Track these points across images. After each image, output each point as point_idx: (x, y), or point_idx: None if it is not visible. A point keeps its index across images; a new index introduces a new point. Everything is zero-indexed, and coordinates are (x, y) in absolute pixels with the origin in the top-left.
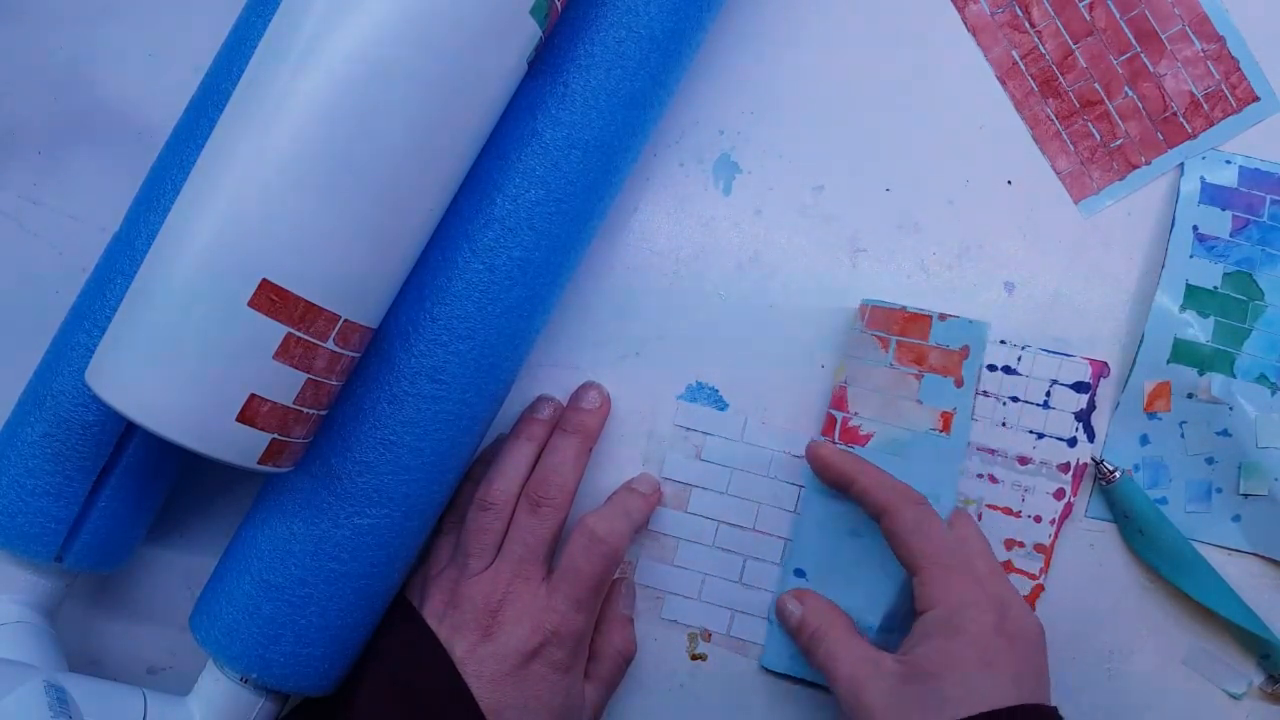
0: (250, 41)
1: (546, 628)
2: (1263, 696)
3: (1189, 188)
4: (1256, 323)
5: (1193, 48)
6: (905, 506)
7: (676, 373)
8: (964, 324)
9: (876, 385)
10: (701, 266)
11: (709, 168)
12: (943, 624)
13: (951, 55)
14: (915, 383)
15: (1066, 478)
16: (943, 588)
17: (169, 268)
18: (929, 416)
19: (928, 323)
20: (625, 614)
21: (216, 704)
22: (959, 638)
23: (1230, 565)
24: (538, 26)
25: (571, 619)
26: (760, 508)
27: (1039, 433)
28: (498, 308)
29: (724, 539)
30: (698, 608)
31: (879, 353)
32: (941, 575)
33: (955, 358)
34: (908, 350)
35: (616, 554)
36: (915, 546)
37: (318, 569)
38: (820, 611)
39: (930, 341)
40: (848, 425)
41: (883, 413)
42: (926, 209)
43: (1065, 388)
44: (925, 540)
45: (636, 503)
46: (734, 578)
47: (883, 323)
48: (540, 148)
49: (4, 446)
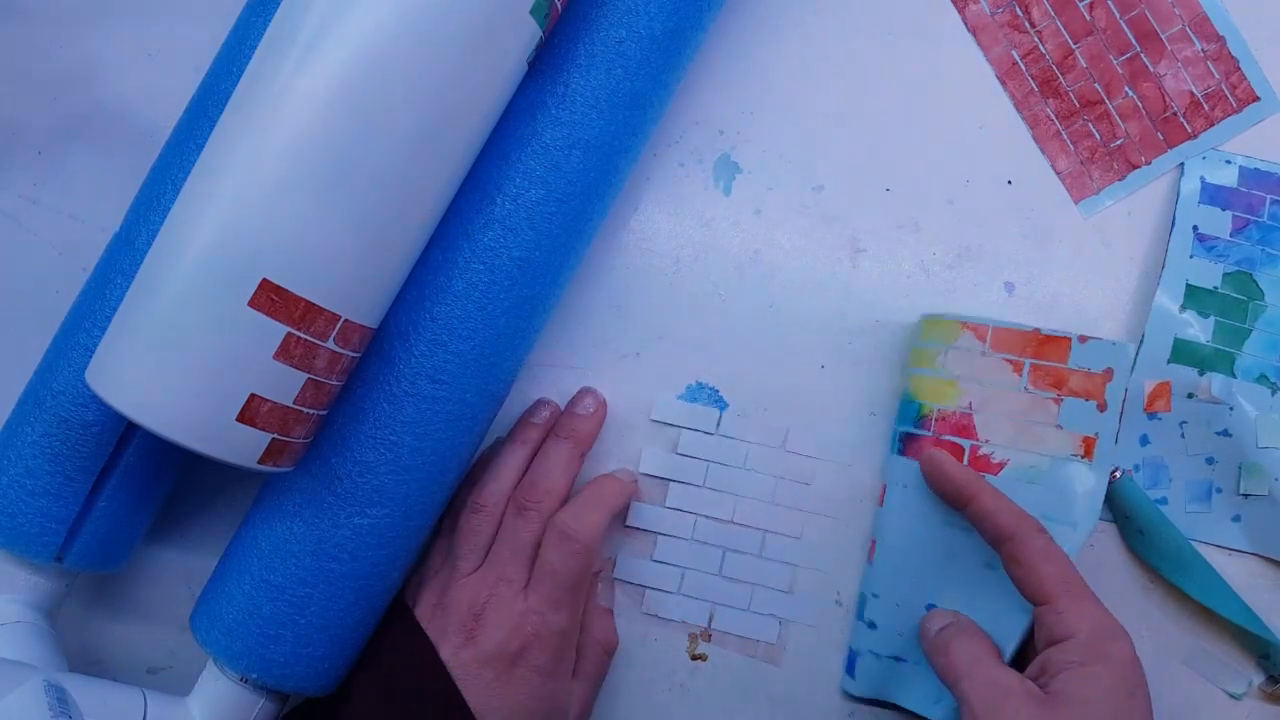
0: (250, 41)
1: (527, 630)
2: (1263, 697)
3: (1189, 188)
4: (1256, 323)
5: (1193, 47)
6: (1033, 534)
7: (676, 373)
8: (1107, 346)
9: (1009, 411)
10: (701, 266)
11: (709, 168)
12: (1086, 651)
13: (952, 55)
14: (1054, 407)
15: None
16: (1079, 615)
17: (169, 267)
18: (1070, 442)
19: (1067, 345)
20: (603, 606)
21: (217, 704)
22: (1102, 665)
23: (1230, 565)
24: (538, 27)
25: (551, 620)
26: (738, 501)
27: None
28: (498, 308)
29: (702, 532)
30: (679, 602)
31: (1011, 376)
32: (1076, 603)
33: (1098, 381)
34: (1045, 374)
35: (590, 549)
36: (1047, 573)
37: (318, 569)
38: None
39: (1070, 365)
40: (978, 454)
41: (1017, 440)
42: (926, 209)
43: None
44: (1057, 567)
45: (608, 493)
46: (714, 570)
47: (1013, 346)
48: (540, 148)
49: (4, 446)
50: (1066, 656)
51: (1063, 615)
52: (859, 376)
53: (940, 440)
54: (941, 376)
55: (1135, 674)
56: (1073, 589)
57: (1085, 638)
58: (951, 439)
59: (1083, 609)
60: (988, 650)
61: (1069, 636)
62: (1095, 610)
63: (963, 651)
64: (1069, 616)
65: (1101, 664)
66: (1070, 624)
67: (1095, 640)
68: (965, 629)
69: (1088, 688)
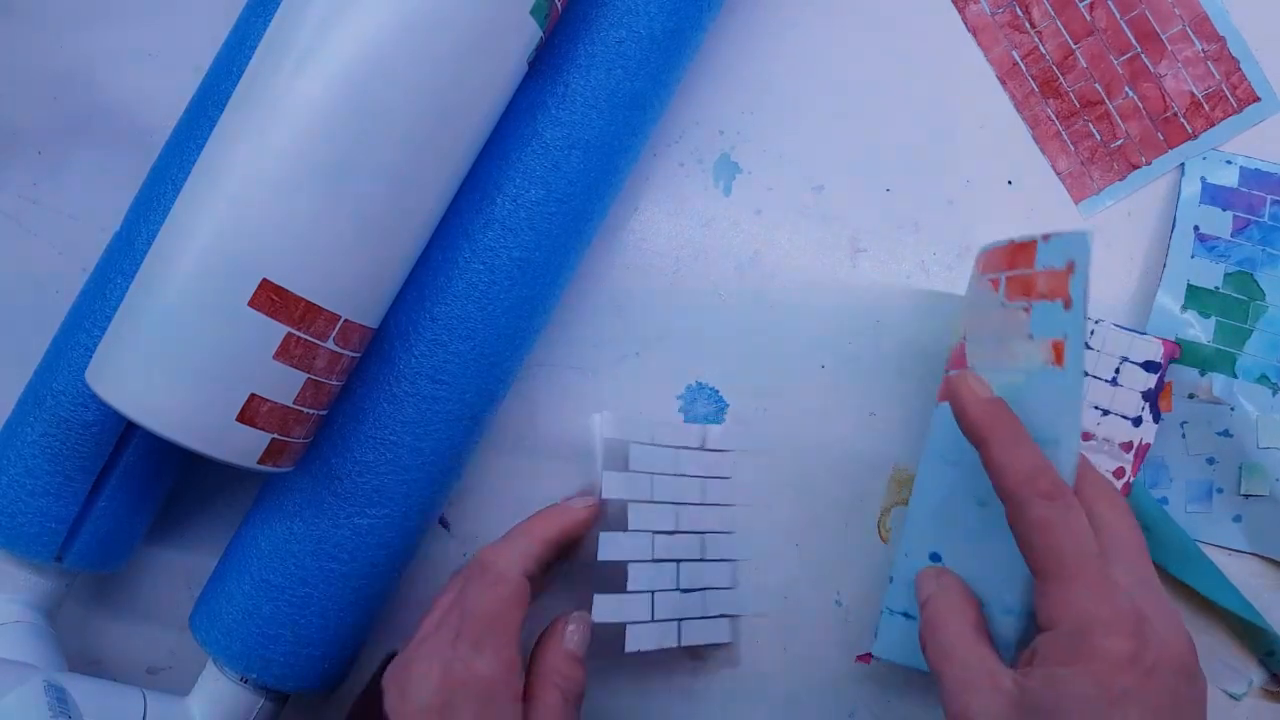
0: (250, 41)
1: (454, 680)
2: (1264, 696)
3: (1190, 188)
4: (1257, 323)
5: (1193, 48)
6: (1033, 502)
7: (676, 373)
8: (1067, 238)
9: (991, 331)
10: (701, 266)
11: (709, 168)
12: (1065, 646)
13: (952, 55)
14: (1025, 317)
15: (1128, 457)
16: (1063, 602)
17: (169, 268)
18: (1040, 351)
19: (1033, 248)
20: (569, 649)
21: (216, 704)
22: (1081, 666)
23: (1231, 566)
24: (538, 27)
25: (475, 665)
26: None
27: (1104, 409)
28: (498, 308)
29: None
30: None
31: (991, 295)
32: (1064, 587)
33: (1061, 276)
34: (1018, 284)
35: (510, 581)
36: (1039, 547)
37: (318, 569)
38: (950, 595)
39: (1036, 267)
40: None
41: (997, 360)
42: (927, 209)
43: (1135, 365)
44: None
45: (537, 522)
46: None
47: (994, 263)
48: (540, 148)
49: (4, 446)
50: (1046, 650)
51: (1047, 599)
52: (859, 376)
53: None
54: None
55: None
56: (1067, 568)
57: (1066, 629)
58: (949, 373)
59: (1070, 594)
60: (971, 624)
61: (1050, 626)
62: (1087, 597)
63: (944, 625)
64: (1052, 602)
65: (1081, 664)
66: (1053, 611)
67: (1079, 634)
68: (950, 597)
69: (1055, 692)
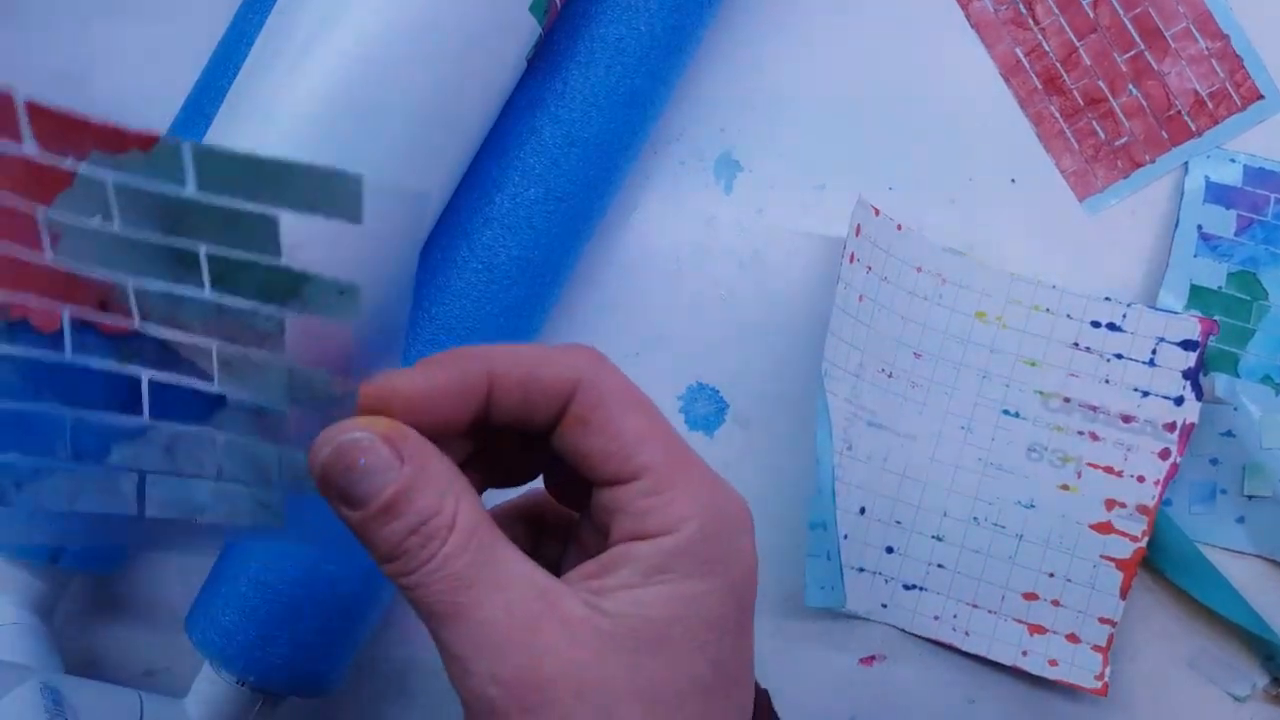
0: (247, 37)
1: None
2: (1267, 699)
3: (1193, 186)
4: (1261, 323)
5: (1197, 45)
6: (606, 371)
7: (676, 373)
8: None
9: None
10: (703, 265)
11: (710, 166)
12: (698, 555)
13: (955, 53)
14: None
15: (1172, 437)
16: (688, 496)
17: None
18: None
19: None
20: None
21: (213, 706)
22: (718, 572)
23: (1234, 567)
24: (537, 23)
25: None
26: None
27: (1144, 390)
28: (496, 307)
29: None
30: None
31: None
32: (684, 475)
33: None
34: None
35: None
36: (630, 430)
37: (314, 570)
38: (432, 477)
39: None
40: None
41: None
42: (929, 208)
43: (1172, 345)
44: (642, 418)
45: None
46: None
47: None
48: (539, 145)
49: None
50: (662, 561)
51: (664, 497)
52: None
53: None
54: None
55: (753, 582)
56: (674, 452)
57: (698, 532)
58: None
59: (692, 484)
60: (487, 523)
61: (668, 531)
62: (705, 485)
63: (439, 528)
64: (673, 499)
65: (716, 573)
66: (675, 512)
67: (713, 535)
68: (432, 478)
69: (688, 610)
